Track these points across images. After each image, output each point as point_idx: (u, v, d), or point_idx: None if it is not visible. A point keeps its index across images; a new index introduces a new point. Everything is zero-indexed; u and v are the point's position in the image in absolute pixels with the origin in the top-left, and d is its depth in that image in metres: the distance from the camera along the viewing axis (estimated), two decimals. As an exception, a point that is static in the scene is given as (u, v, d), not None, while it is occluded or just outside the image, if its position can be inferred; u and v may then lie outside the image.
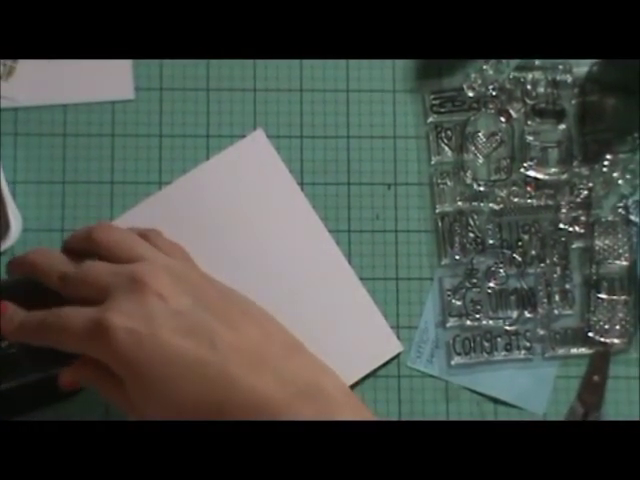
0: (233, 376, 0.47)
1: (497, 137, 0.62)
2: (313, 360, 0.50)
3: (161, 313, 0.48)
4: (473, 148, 0.62)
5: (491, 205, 0.61)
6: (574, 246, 0.61)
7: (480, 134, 0.62)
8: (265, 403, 0.46)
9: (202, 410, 0.47)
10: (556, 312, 0.61)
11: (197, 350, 0.47)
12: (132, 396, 0.48)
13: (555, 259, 0.61)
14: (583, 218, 0.61)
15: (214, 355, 0.47)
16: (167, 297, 0.48)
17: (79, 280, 0.50)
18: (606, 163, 0.62)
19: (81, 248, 0.53)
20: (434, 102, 0.62)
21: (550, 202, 0.61)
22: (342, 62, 0.62)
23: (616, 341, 0.61)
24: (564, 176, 0.62)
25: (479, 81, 0.62)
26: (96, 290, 0.49)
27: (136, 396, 0.48)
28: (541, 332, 0.61)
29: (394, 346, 0.60)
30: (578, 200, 0.62)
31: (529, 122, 0.62)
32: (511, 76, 0.62)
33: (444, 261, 0.61)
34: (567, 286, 0.61)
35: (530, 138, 0.62)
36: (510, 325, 0.61)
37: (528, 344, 0.61)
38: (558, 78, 0.62)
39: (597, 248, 0.61)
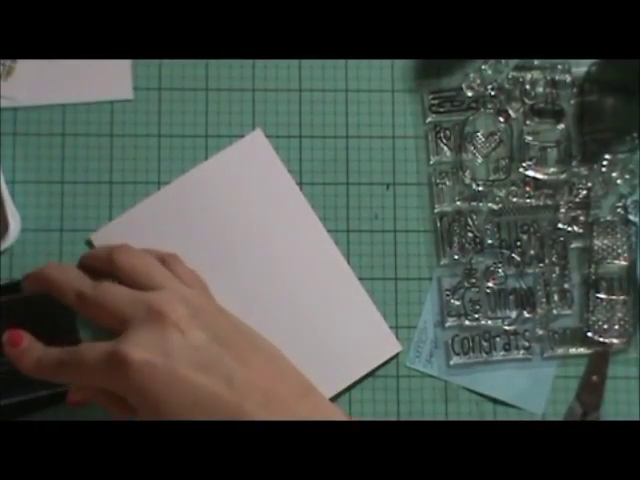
0: (247, 413, 0.47)
1: (496, 137, 0.62)
2: (324, 403, 0.50)
3: (178, 346, 0.48)
4: (472, 148, 0.62)
5: (490, 205, 0.61)
6: (573, 246, 0.61)
7: (479, 134, 0.62)
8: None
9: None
10: (555, 312, 0.61)
11: (213, 386, 0.47)
12: None
13: (554, 259, 0.61)
14: (582, 218, 0.61)
15: (229, 391, 0.47)
16: (185, 330, 0.48)
17: (96, 302, 0.50)
18: (605, 163, 0.62)
19: (99, 267, 0.53)
20: (433, 102, 0.62)
21: (549, 202, 0.61)
22: (341, 62, 0.62)
23: (615, 341, 0.61)
24: (563, 176, 0.62)
25: (478, 81, 0.62)
26: (112, 317, 0.50)
27: None
28: (540, 332, 0.61)
29: (393, 346, 0.60)
30: (577, 200, 0.62)
31: (528, 122, 0.62)
32: (510, 76, 0.62)
33: (443, 261, 0.61)
34: (566, 286, 0.61)
35: (529, 138, 0.62)
36: (509, 325, 0.61)
37: (527, 344, 0.61)
38: (557, 78, 0.62)
39: (596, 248, 0.61)
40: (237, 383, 0.47)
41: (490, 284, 0.61)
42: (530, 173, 0.61)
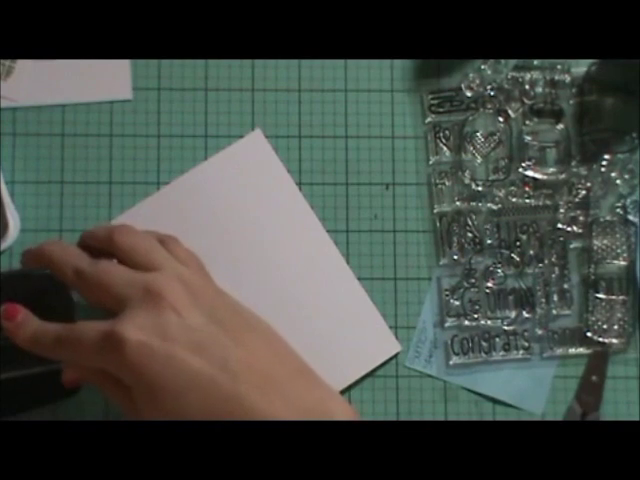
0: (242, 396, 0.47)
1: (495, 137, 0.62)
2: (321, 384, 0.50)
3: (175, 327, 0.48)
4: (471, 148, 0.62)
5: (489, 205, 0.61)
6: (572, 246, 0.61)
7: (478, 134, 0.62)
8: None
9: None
10: (554, 312, 0.61)
11: (209, 368, 0.47)
12: (139, 405, 0.48)
13: (553, 259, 0.61)
14: (581, 218, 0.61)
15: (225, 374, 0.47)
16: (181, 311, 0.48)
17: (94, 280, 0.50)
18: (604, 163, 0.62)
19: (99, 246, 0.53)
20: (432, 102, 0.62)
21: (548, 202, 0.61)
22: (340, 62, 0.62)
23: (614, 341, 0.61)
24: (562, 176, 0.62)
25: (477, 81, 0.62)
26: (110, 297, 0.50)
27: (143, 405, 0.48)
28: (539, 332, 0.61)
29: (392, 346, 0.60)
30: (576, 200, 0.62)
31: (527, 122, 0.62)
32: (509, 76, 0.62)
33: (442, 261, 0.61)
34: (565, 286, 0.61)
35: (528, 138, 0.62)
36: (508, 325, 0.61)
37: (526, 344, 0.61)
38: (556, 78, 0.62)
39: (595, 248, 0.61)
40: (233, 365, 0.47)
41: (489, 284, 0.61)
42: (529, 173, 0.61)
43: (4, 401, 0.55)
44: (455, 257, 0.61)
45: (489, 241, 0.61)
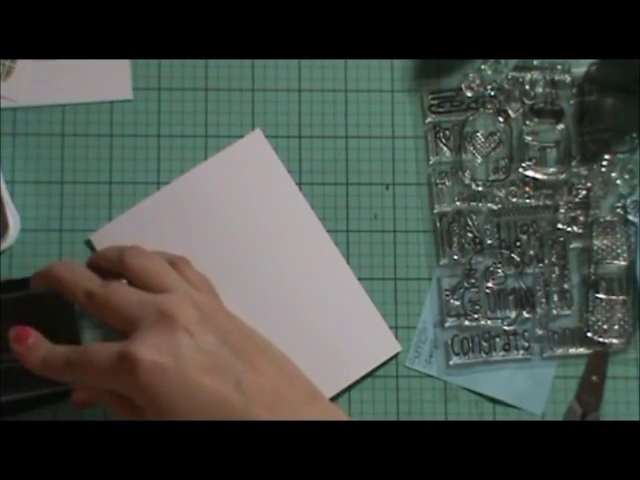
0: (255, 417, 0.47)
1: (495, 137, 0.62)
2: (330, 409, 0.50)
3: (188, 348, 0.48)
4: (471, 148, 0.62)
5: (489, 205, 0.61)
6: (572, 246, 0.61)
7: (478, 134, 0.62)
8: None
9: None
10: (554, 312, 0.61)
11: (222, 390, 0.47)
12: None
13: (553, 259, 0.61)
14: (581, 218, 0.61)
15: (237, 395, 0.47)
16: (194, 333, 0.48)
17: (105, 302, 0.50)
18: (604, 163, 0.62)
19: (108, 268, 0.53)
20: (432, 102, 0.62)
21: (548, 202, 0.61)
22: (340, 62, 0.62)
23: (614, 341, 0.61)
24: (562, 176, 0.62)
25: (477, 81, 0.62)
26: (121, 318, 0.50)
27: None
28: (539, 332, 0.61)
29: (392, 346, 0.60)
30: (576, 200, 0.62)
31: (527, 122, 0.62)
32: (509, 76, 0.62)
33: (442, 261, 0.61)
34: (565, 286, 0.61)
35: (528, 138, 0.62)
36: (508, 325, 0.61)
37: (526, 344, 0.61)
38: (556, 78, 0.62)
39: (595, 248, 0.61)
40: (245, 387, 0.47)
41: (490, 284, 0.61)
42: (530, 173, 0.61)
43: (5, 404, 0.55)
44: (455, 257, 0.61)
45: (489, 241, 0.61)
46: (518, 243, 0.61)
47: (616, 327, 0.61)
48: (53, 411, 0.57)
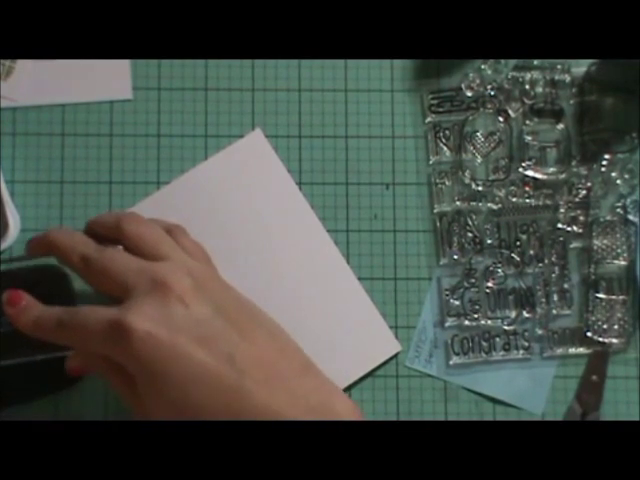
0: (248, 390, 0.47)
1: (495, 137, 0.62)
2: (325, 381, 0.50)
3: (182, 319, 0.47)
4: (471, 148, 0.62)
5: (489, 205, 0.61)
6: (572, 246, 0.61)
7: (478, 134, 0.62)
8: (277, 419, 0.47)
9: (212, 418, 0.47)
10: (554, 312, 0.61)
11: (214, 360, 0.47)
12: (143, 395, 0.48)
13: (553, 259, 0.61)
14: (581, 218, 0.61)
15: (231, 367, 0.47)
16: (188, 303, 0.48)
17: (100, 267, 0.50)
18: (604, 163, 0.62)
19: (105, 234, 0.53)
20: (432, 102, 0.62)
21: (548, 202, 0.61)
22: (340, 62, 0.62)
23: (614, 341, 0.61)
24: (562, 176, 0.62)
25: (477, 81, 0.62)
26: (116, 284, 0.49)
27: (147, 396, 0.48)
28: (539, 332, 0.61)
29: (392, 346, 0.60)
30: (576, 200, 0.62)
31: (527, 122, 0.62)
32: (509, 76, 0.62)
33: (442, 261, 0.61)
34: (565, 286, 0.61)
35: (528, 138, 0.62)
36: (508, 325, 0.61)
37: (526, 344, 0.61)
38: (556, 78, 0.62)
39: (595, 248, 0.61)
40: (238, 359, 0.47)
41: (489, 284, 0.61)
42: (529, 173, 0.61)
43: (5, 390, 0.55)
44: (455, 257, 0.61)
45: (489, 241, 0.61)
46: (518, 243, 0.61)
47: (616, 327, 0.61)
48: (54, 401, 0.57)
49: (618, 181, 0.62)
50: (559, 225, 0.61)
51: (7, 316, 0.51)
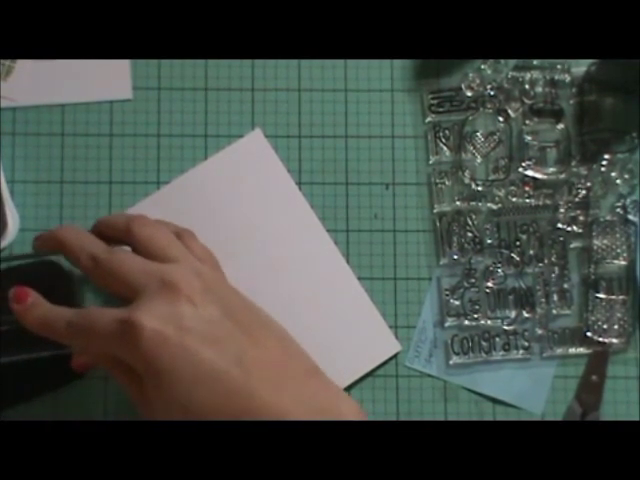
0: (254, 391, 0.47)
1: (495, 137, 0.62)
2: (331, 385, 0.50)
3: (190, 318, 0.48)
4: (471, 148, 0.62)
5: (489, 205, 0.61)
6: (572, 246, 0.61)
7: (478, 134, 0.62)
8: (282, 420, 0.47)
9: (218, 418, 0.47)
10: (554, 312, 0.61)
11: (221, 361, 0.47)
12: (149, 394, 0.48)
13: (553, 259, 0.61)
14: (581, 218, 0.61)
15: (238, 368, 0.47)
16: (197, 304, 0.48)
17: (109, 268, 0.50)
18: (604, 163, 0.62)
19: (114, 235, 0.53)
20: (432, 102, 0.62)
21: (548, 202, 0.61)
22: (340, 62, 0.62)
23: (614, 341, 0.61)
24: (562, 176, 0.62)
25: (477, 81, 0.62)
26: (125, 285, 0.49)
27: (153, 395, 0.48)
28: (539, 332, 0.61)
29: (392, 346, 0.60)
30: (576, 200, 0.62)
31: (527, 122, 0.62)
32: (509, 76, 0.62)
33: (442, 261, 0.61)
34: (565, 286, 0.61)
35: (528, 138, 0.62)
36: (508, 325, 0.61)
37: (526, 344, 0.61)
38: (556, 78, 0.62)
39: (595, 248, 0.61)
40: (246, 360, 0.47)
41: (489, 284, 0.61)
42: (529, 173, 0.61)
43: (6, 388, 0.55)
44: (455, 257, 0.61)
45: (489, 241, 0.61)
46: (518, 243, 0.61)
47: (616, 327, 0.61)
48: (54, 397, 0.57)
49: (618, 181, 0.62)
50: (559, 225, 0.61)
51: (14, 313, 0.51)
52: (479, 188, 0.61)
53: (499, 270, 0.61)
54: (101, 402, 0.58)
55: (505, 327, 0.61)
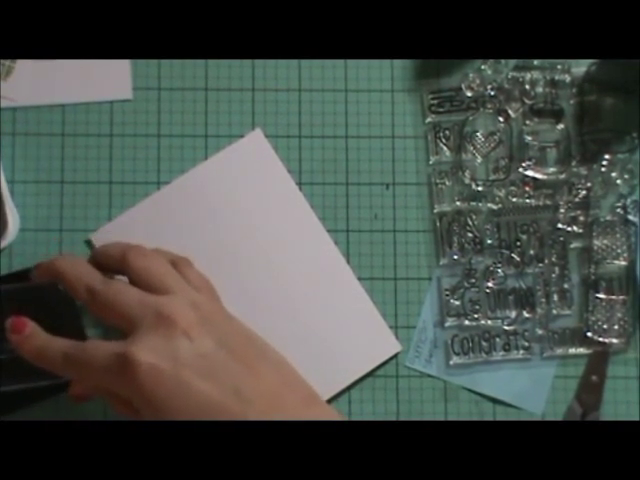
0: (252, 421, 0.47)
1: (495, 137, 0.62)
2: (329, 410, 0.51)
3: (186, 352, 0.48)
4: (471, 148, 0.62)
5: (489, 205, 0.61)
6: (572, 246, 0.61)
7: (478, 134, 0.62)
8: None
9: None
10: (554, 312, 0.61)
11: (218, 394, 0.47)
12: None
13: (553, 259, 0.61)
14: (581, 218, 0.61)
15: (235, 400, 0.47)
16: (193, 337, 0.48)
17: (106, 300, 0.50)
18: (604, 163, 0.62)
19: (110, 265, 0.53)
20: (432, 102, 0.62)
21: (548, 202, 0.61)
22: (340, 62, 0.62)
23: (614, 341, 0.61)
24: (562, 176, 0.62)
25: (477, 81, 0.62)
26: (121, 317, 0.50)
27: None
28: (539, 332, 0.61)
29: (392, 346, 0.60)
30: (576, 200, 0.62)
31: (527, 122, 0.62)
32: (509, 76, 0.62)
33: (442, 261, 0.61)
34: (565, 286, 0.61)
35: (528, 138, 0.62)
36: (508, 325, 0.61)
37: (526, 344, 0.61)
38: (556, 78, 0.62)
39: (595, 248, 0.61)
40: (243, 392, 0.47)
41: (490, 284, 0.61)
42: (529, 173, 0.61)
43: (4, 413, 0.55)
44: (455, 257, 0.61)
45: (489, 241, 0.61)
46: (518, 243, 0.61)
47: (616, 327, 0.61)
48: (55, 403, 0.57)
49: (618, 181, 0.62)
50: (559, 225, 0.61)
51: (11, 343, 0.51)
52: (479, 188, 0.61)
53: (499, 270, 0.61)
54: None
55: (505, 327, 0.61)
